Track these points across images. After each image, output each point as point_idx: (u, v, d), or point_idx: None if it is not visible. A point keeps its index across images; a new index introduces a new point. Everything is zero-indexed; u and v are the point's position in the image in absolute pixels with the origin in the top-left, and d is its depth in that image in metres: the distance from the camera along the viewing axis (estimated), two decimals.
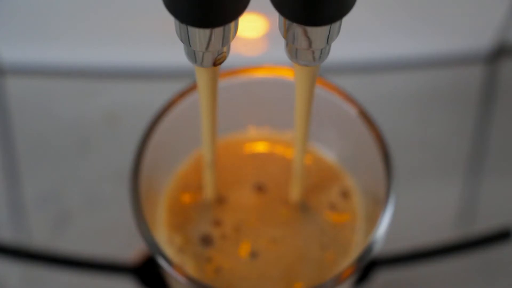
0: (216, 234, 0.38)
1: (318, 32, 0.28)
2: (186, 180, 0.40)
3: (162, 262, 0.34)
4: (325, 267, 0.37)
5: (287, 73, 0.38)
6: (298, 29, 0.28)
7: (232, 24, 0.28)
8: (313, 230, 0.38)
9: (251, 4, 0.28)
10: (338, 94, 0.38)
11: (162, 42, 0.53)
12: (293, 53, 0.30)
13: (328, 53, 0.30)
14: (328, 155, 0.40)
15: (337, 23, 0.28)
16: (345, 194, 0.39)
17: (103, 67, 0.55)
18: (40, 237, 0.50)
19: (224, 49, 0.30)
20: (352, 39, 0.53)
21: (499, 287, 0.49)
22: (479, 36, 0.55)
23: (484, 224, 0.50)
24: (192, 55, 0.30)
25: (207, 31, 0.28)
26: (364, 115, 0.37)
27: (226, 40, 0.29)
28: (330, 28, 0.28)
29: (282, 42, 0.30)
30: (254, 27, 0.55)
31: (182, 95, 0.37)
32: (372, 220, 0.37)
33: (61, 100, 0.54)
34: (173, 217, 0.39)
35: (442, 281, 0.49)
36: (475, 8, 0.56)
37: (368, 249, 0.34)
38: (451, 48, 0.55)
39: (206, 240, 0.38)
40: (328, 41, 0.29)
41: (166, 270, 0.34)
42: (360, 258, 0.34)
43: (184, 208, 0.39)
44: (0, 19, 0.55)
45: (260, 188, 0.39)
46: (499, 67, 0.55)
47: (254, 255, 0.37)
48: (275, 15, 0.28)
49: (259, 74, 0.38)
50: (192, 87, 0.38)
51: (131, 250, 0.45)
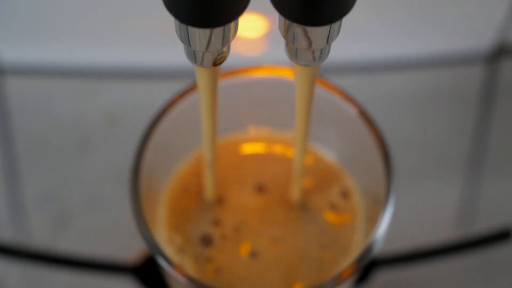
0: (216, 234, 0.38)
1: (318, 32, 0.28)
2: (186, 180, 0.40)
3: (162, 262, 0.34)
4: (325, 267, 0.37)
5: (287, 73, 0.38)
6: (298, 29, 0.28)
7: (232, 24, 0.28)
8: (313, 230, 0.38)
9: (251, 4, 0.28)
10: (338, 94, 0.38)
11: (162, 42, 0.53)
12: (293, 53, 0.30)
13: (328, 53, 0.30)
14: (328, 155, 0.40)
15: (337, 23, 0.28)
16: (345, 194, 0.39)
17: (103, 67, 0.55)
18: (40, 237, 0.50)
19: (224, 49, 0.30)
20: (352, 39, 0.53)
21: (499, 287, 0.49)
22: (479, 36, 0.55)
23: (484, 224, 0.50)
24: (192, 55, 0.30)
25: (207, 31, 0.28)
26: (364, 115, 0.37)
27: (226, 40, 0.29)
28: (330, 28, 0.28)
29: (282, 42, 0.30)
30: (254, 27, 0.55)
31: (182, 95, 0.37)
32: (372, 220, 0.37)
33: (61, 100, 0.54)
34: (173, 217, 0.39)
35: (442, 281, 0.49)
36: (475, 8, 0.56)
37: (368, 249, 0.34)
38: (451, 48, 0.55)
39: (206, 240, 0.38)
40: (328, 41, 0.29)
41: (166, 270, 0.34)
42: (360, 258, 0.34)
43: (184, 208, 0.39)
44: (0, 19, 0.55)
45: (260, 188, 0.39)
46: (499, 67, 0.55)
47: (254, 255, 0.37)
48: (275, 15, 0.28)
49: (259, 74, 0.38)
50: (192, 87, 0.38)
51: (131, 250, 0.45)
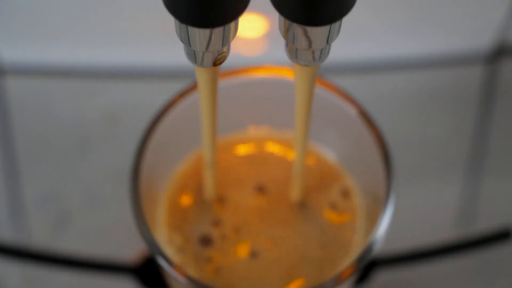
0: (216, 234, 0.38)
1: (318, 32, 0.28)
2: (186, 180, 0.40)
3: (162, 262, 0.34)
4: (325, 267, 0.37)
5: (287, 73, 0.38)
6: (298, 29, 0.28)
7: (232, 24, 0.28)
8: (313, 230, 0.38)
9: (251, 4, 0.28)
10: (338, 94, 0.38)
11: (162, 42, 0.53)
12: (293, 53, 0.30)
13: (328, 53, 0.30)
14: (328, 155, 0.40)
15: (337, 23, 0.28)
16: (345, 194, 0.39)
17: (103, 67, 0.55)
18: (40, 237, 0.50)
19: (224, 49, 0.30)
20: (352, 39, 0.53)
21: (499, 287, 0.49)
22: (479, 36, 0.55)
23: (484, 224, 0.50)
24: (192, 55, 0.30)
25: (207, 31, 0.28)
26: (364, 115, 0.37)
27: (226, 40, 0.29)
28: (330, 28, 0.28)
29: (282, 42, 0.30)
30: (254, 27, 0.55)
31: (182, 95, 0.37)
32: (372, 220, 0.37)
33: (61, 100, 0.54)
34: (173, 217, 0.39)
35: (442, 281, 0.49)
36: (475, 8, 0.56)
37: (368, 249, 0.34)
38: (451, 48, 0.55)
39: (206, 240, 0.38)
40: (328, 41, 0.29)
41: (166, 270, 0.34)
42: (360, 258, 0.34)
43: (184, 208, 0.39)
44: (0, 19, 0.55)
45: (260, 188, 0.39)
46: (499, 67, 0.55)
47: (254, 255, 0.37)
48: (275, 15, 0.28)
49: (259, 74, 0.38)
50: (192, 87, 0.38)
51: (131, 250, 0.45)
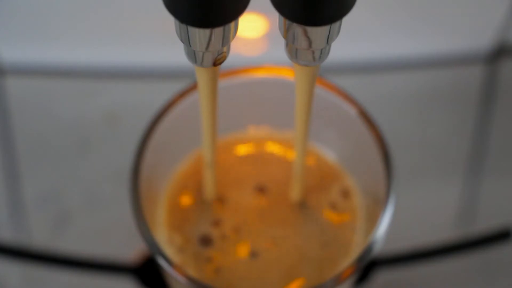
0: (216, 234, 0.38)
1: (318, 32, 0.28)
2: (186, 180, 0.40)
3: (162, 262, 0.34)
4: (325, 267, 0.37)
5: (287, 73, 0.38)
6: (298, 29, 0.28)
7: (232, 24, 0.28)
8: (313, 230, 0.38)
9: (251, 4, 0.28)
10: (338, 94, 0.38)
11: (162, 42, 0.53)
12: (293, 53, 0.30)
13: (328, 53, 0.30)
14: (328, 155, 0.40)
15: (337, 23, 0.28)
16: (345, 194, 0.39)
17: (103, 67, 0.55)
18: (40, 237, 0.50)
19: (224, 49, 0.30)
20: (352, 39, 0.53)
21: (499, 287, 0.49)
22: (479, 36, 0.55)
23: (484, 224, 0.50)
24: (192, 55, 0.30)
25: (207, 31, 0.28)
26: (364, 115, 0.37)
27: (226, 40, 0.29)
28: (330, 28, 0.28)
29: (282, 42, 0.30)
30: (254, 27, 0.55)
31: (182, 95, 0.37)
32: (372, 220, 0.37)
33: (61, 100, 0.54)
34: (173, 217, 0.39)
35: (442, 281, 0.49)
36: (475, 8, 0.56)
37: (368, 249, 0.34)
38: (451, 48, 0.55)
39: (206, 240, 0.38)
40: (328, 41, 0.29)
41: (166, 270, 0.34)
42: (360, 258, 0.34)
43: (184, 208, 0.39)
44: (0, 19, 0.55)
45: (260, 188, 0.39)
46: (499, 67, 0.55)
47: (254, 255, 0.37)
48: (275, 15, 0.28)
49: (259, 74, 0.38)
50: (192, 87, 0.38)
51: (131, 250, 0.45)
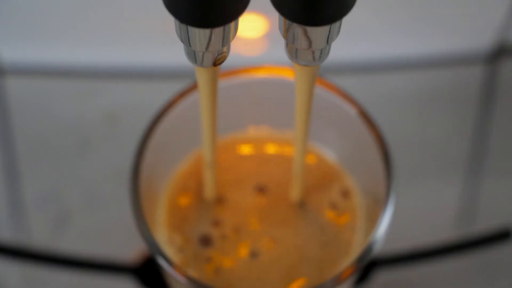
0: (216, 234, 0.38)
1: (318, 32, 0.28)
2: (186, 180, 0.39)
3: (162, 262, 0.34)
4: (325, 267, 0.37)
5: (287, 73, 0.38)
6: (298, 29, 0.28)
7: (232, 24, 0.28)
8: (313, 230, 0.38)
9: (251, 4, 0.28)
10: (338, 94, 0.38)
11: (162, 42, 0.53)
12: (293, 53, 0.30)
13: (328, 53, 0.30)
14: (328, 155, 0.40)
15: (337, 23, 0.28)
16: (345, 194, 0.39)
17: (103, 67, 0.55)
18: (40, 237, 0.50)
19: (224, 49, 0.30)
20: (352, 39, 0.53)
21: (499, 287, 0.49)
22: (479, 36, 0.55)
23: (484, 224, 0.50)
24: (192, 55, 0.30)
25: (207, 31, 0.28)
26: (364, 115, 0.37)
27: (226, 40, 0.29)
28: (330, 28, 0.28)
29: (282, 42, 0.30)
30: (254, 27, 0.55)
31: (182, 95, 0.37)
32: (372, 220, 0.37)
33: (61, 100, 0.54)
34: (173, 217, 0.39)
35: (442, 281, 0.49)
36: (475, 8, 0.56)
37: (368, 249, 0.34)
38: (451, 48, 0.55)
39: (206, 240, 0.38)
40: (328, 41, 0.29)
41: (166, 270, 0.34)
42: (360, 258, 0.34)
43: (184, 208, 0.39)
44: (0, 19, 0.55)
45: (260, 188, 0.39)
46: (499, 67, 0.55)
47: (254, 255, 0.37)
48: (275, 15, 0.28)
49: (259, 74, 0.38)
50: (192, 87, 0.38)
51: (131, 250, 0.45)
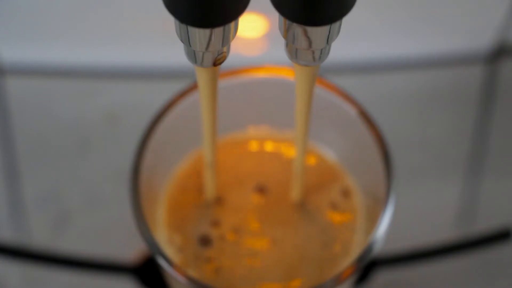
0: (216, 234, 0.38)
1: (318, 32, 0.28)
2: (186, 180, 0.40)
3: (162, 262, 0.34)
4: (325, 267, 0.37)
5: (287, 73, 0.38)
6: (298, 29, 0.28)
7: (232, 24, 0.28)
8: (313, 230, 0.38)
9: (251, 4, 0.28)
10: (338, 94, 0.38)
11: (162, 42, 0.53)
12: (293, 53, 0.30)
13: (328, 53, 0.30)
14: (328, 155, 0.40)
15: (337, 23, 0.28)
16: (345, 194, 0.39)
17: (103, 67, 0.55)
18: (40, 237, 0.50)
19: (224, 49, 0.30)
20: (352, 39, 0.53)
21: (499, 287, 0.49)
22: (479, 36, 0.55)
23: (484, 224, 0.50)
24: (192, 55, 0.30)
25: (207, 31, 0.28)
26: (364, 115, 0.37)
27: (226, 40, 0.29)
28: (330, 28, 0.28)
29: (282, 42, 0.30)
30: (254, 27, 0.55)
31: (182, 95, 0.37)
32: (372, 220, 0.37)
33: (61, 100, 0.54)
34: (173, 217, 0.39)
35: (442, 281, 0.49)
36: (475, 8, 0.56)
37: (368, 249, 0.34)
38: (451, 48, 0.55)
39: (206, 240, 0.38)
40: (328, 41, 0.29)
41: (166, 270, 0.34)
42: (360, 258, 0.34)
43: (184, 208, 0.39)
44: (0, 19, 0.55)
45: (260, 188, 0.39)
46: (499, 67, 0.55)
47: (254, 255, 0.37)
48: (275, 15, 0.28)
49: (259, 74, 0.38)
50: (192, 87, 0.38)
51: (131, 250, 0.45)
